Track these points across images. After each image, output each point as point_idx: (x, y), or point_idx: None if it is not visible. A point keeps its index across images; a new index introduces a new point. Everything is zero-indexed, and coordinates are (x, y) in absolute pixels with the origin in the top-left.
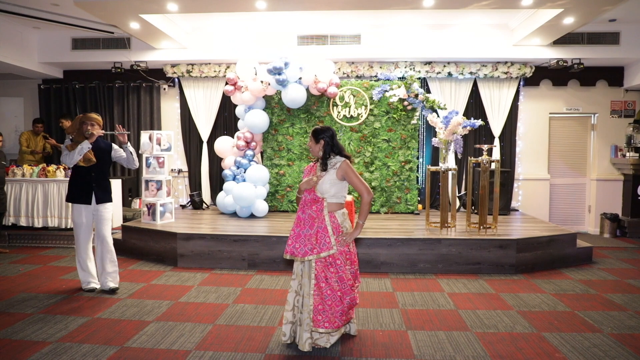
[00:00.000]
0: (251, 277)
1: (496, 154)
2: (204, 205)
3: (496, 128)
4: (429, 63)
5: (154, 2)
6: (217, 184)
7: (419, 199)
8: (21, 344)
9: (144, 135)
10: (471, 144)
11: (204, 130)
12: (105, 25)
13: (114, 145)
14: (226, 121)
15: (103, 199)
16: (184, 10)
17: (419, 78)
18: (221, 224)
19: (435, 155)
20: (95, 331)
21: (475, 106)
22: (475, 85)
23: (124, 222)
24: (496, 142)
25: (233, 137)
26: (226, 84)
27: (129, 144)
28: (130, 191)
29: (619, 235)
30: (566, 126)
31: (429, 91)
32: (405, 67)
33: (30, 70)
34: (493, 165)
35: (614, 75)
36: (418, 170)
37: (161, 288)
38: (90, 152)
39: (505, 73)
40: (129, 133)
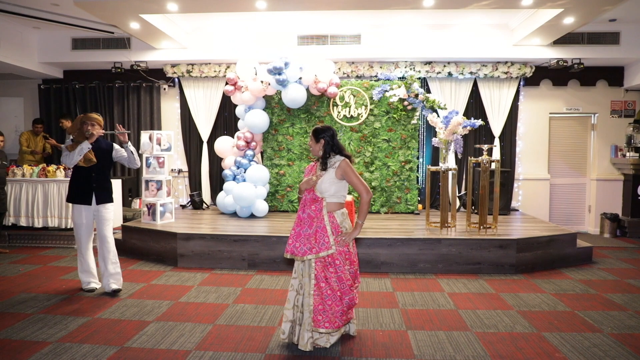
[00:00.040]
0: (251, 277)
1: (496, 154)
2: (204, 205)
3: (496, 128)
4: (429, 63)
5: (154, 2)
6: (217, 184)
7: (419, 199)
8: (21, 344)
9: (144, 135)
10: (471, 144)
11: (204, 130)
12: (105, 25)
13: (115, 145)
14: (226, 121)
15: (103, 200)
16: (184, 10)
17: (419, 78)
18: (221, 224)
19: (435, 155)
20: (95, 331)
21: (475, 106)
22: (475, 85)
23: (124, 222)
24: (496, 142)
25: (233, 137)
26: (226, 84)
27: (130, 143)
28: (130, 191)
29: (619, 235)
30: (566, 126)
31: (429, 91)
32: (405, 67)
33: (30, 70)
34: (493, 165)
35: (614, 75)
36: (418, 170)
37: (161, 288)
38: (91, 152)
39: (506, 73)
40: (129, 132)
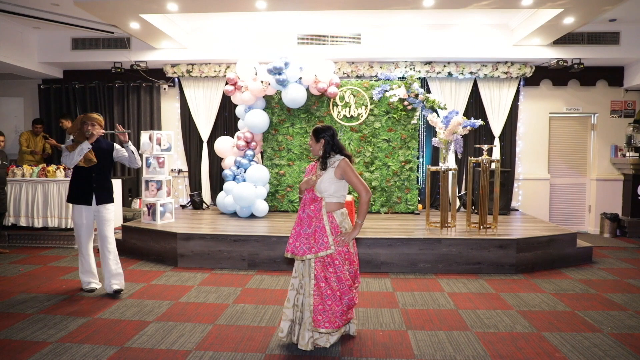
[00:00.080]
0: (251, 277)
1: (496, 154)
2: (204, 205)
3: (496, 128)
4: (429, 63)
5: (154, 2)
6: (217, 184)
7: (419, 198)
8: (21, 345)
9: (144, 135)
10: (471, 144)
11: (204, 130)
12: (105, 25)
13: (116, 145)
14: (226, 121)
15: (104, 200)
16: (184, 10)
17: (419, 78)
18: (221, 224)
19: (435, 155)
20: (95, 331)
21: (475, 106)
22: (475, 85)
23: (124, 222)
24: (496, 142)
25: (233, 137)
26: (226, 83)
27: (130, 143)
28: (130, 191)
29: (619, 235)
30: (566, 126)
31: (429, 91)
32: (406, 67)
33: (30, 70)
34: (493, 165)
35: (614, 75)
36: (418, 170)
37: (161, 288)
38: (91, 153)
39: (506, 73)
40: (129, 132)
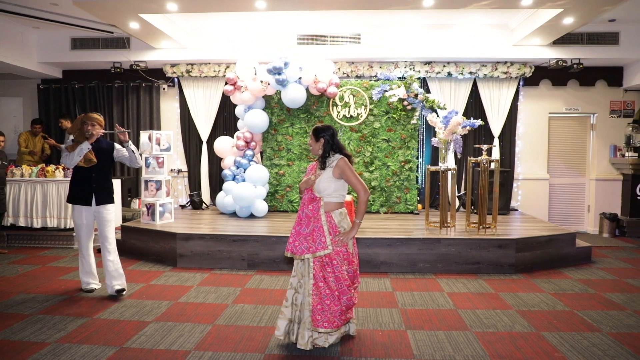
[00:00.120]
0: (251, 277)
1: (496, 154)
2: (204, 205)
3: (496, 128)
4: (429, 63)
5: (154, 2)
6: (217, 184)
7: (419, 198)
8: (20, 345)
9: (144, 135)
10: (471, 144)
11: (204, 130)
12: (105, 25)
13: (116, 145)
14: (226, 121)
15: (104, 200)
16: (184, 10)
17: (419, 78)
18: (221, 224)
19: (434, 155)
20: (94, 332)
21: (474, 106)
22: (475, 85)
23: (123, 222)
24: (496, 142)
25: (233, 137)
26: (226, 83)
27: (130, 142)
28: (130, 191)
29: (618, 235)
30: (565, 126)
31: (428, 91)
32: (405, 67)
33: (30, 70)
34: (492, 165)
35: (613, 75)
36: (418, 170)
37: (160, 288)
38: (91, 153)
39: (505, 73)
40: (129, 131)
